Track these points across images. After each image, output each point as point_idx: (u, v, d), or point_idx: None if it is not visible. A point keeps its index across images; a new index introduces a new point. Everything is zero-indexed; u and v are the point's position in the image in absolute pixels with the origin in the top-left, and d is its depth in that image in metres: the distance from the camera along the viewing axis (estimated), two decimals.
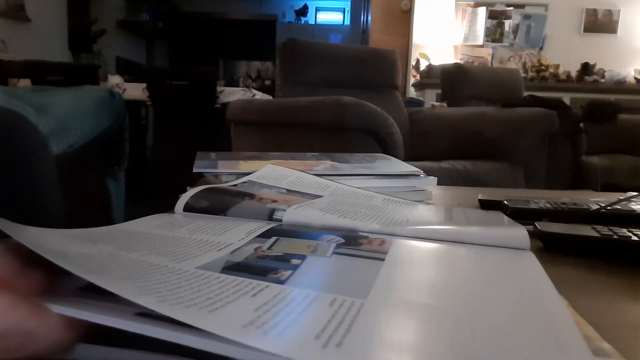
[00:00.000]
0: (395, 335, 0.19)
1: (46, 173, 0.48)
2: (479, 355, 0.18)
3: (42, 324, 0.18)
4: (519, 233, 0.35)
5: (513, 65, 4.67)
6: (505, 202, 0.52)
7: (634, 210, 0.48)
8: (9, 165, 0.43)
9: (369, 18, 5.16)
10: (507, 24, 4.82)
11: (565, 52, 4.66)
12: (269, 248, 0.29)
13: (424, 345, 0.18)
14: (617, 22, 4.73)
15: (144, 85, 2.86)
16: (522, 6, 4.79)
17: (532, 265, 0.30)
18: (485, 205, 0.57)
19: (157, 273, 0.22)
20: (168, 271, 0.23)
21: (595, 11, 4.73)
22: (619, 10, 4.71)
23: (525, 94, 2.91)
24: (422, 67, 4.65)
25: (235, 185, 0.50)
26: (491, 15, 4.83)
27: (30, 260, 0.21)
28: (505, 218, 0.43)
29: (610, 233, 0.38)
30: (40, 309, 0.18)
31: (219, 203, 0.42)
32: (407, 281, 0.26)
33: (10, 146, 0.43)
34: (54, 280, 0.21)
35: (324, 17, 5.70)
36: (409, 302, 0.23)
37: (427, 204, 0.55)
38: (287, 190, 0.50)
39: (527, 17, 4.79)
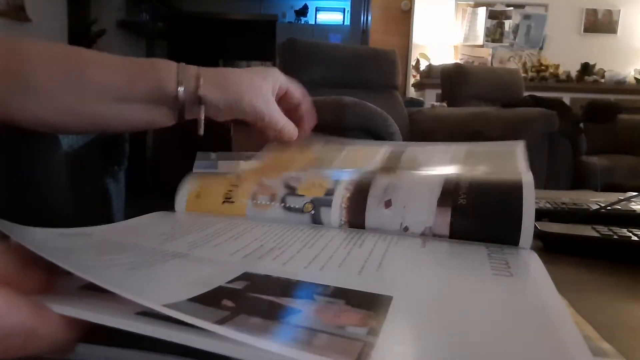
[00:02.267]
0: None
1: (56, 167, 0.48)
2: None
3: (45, 323, 0.18)
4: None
5: (513, 65, 4.67)
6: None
7: (634, 210, 0.48)
8: (23, 157, 0.44)
9: (369, 18, 5.15)
10: (507, 24, 4.82)
11: (565, 52, 4.66)
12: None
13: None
14: (617, 22, 4.73)
15: None
16: (522, 6, 4.79)
17: (533, 264, 0.30)
18: None
19: None
20: None
21: (595, 11, 4.73)
22: (619, 10, 4.71)
23: (525, 94, 2.91)
24: (422, 67, 4.64)
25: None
26: (491, 15, 4.83)
27: (31, 258, 0.21)
28: None
29: (610, 233, 0.38)
30: (42, 308, 0.18)
31: None
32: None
33: (25, 138, 0.43)
34: (54, 278, 0.21)
35: (324, 17, 5.69)
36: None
37: None
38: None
39: (527, 17, 4.79)
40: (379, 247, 0.32)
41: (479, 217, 0.34)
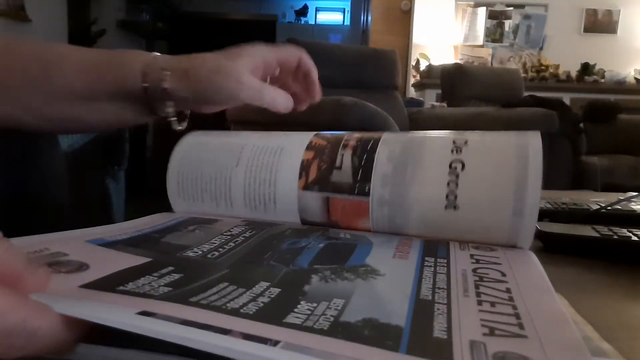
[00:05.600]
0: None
1: (56, 167, 0.48)
2: None
3: (47, 323, 0.18)
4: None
5: (513, 65, 4.67)
6: None
7: (634, 210, 0.48)
8: (24, 156, 0.44)
9: (369, 18, 5.15)
10: (507, 24, 4.82)
11: (565, 52, 4.66)
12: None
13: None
14: (617, 22, 4.73)
15: None
16: (522, 6, 4.79)
17: (531, 264, 0.30)
18: None
19: None
20: None
21: (595, 11, 4.73)
22: (619, 10, 4.71)
23: (525, 94, 2.91)
24: (422, 67, 4.64)
25: None
26: (491, 15, 4.82)
27: (31, 257, 0.21)
28: None
29: (610, 233, 0.38)
30: (44, 307, 0.18)
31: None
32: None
33: (25, 139, 0.44)
34: (55, 277, 0.21)
35: (324, 17, 5.68)
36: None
37: None
38: None
39: (527, 17, 4.79)
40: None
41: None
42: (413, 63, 4.78)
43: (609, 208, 0.48)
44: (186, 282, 0.23)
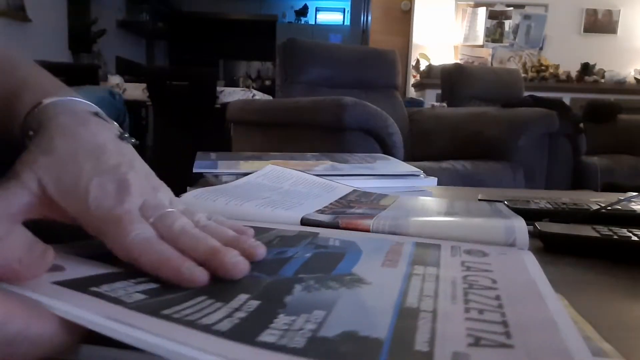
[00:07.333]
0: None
1: None
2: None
3: (48, 329, 0.18)
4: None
5: (513, 65, 4.67)
6: (505, 202, 0.52)
7: (634, 210, 0.48)
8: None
9: (369, 18, 5.15)
10: (507, 24, 4.82)
11: (565, 52, 4.66)
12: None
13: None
14: (617, 22, 4.73)
15: (144, 85, 2.86)
16: (522, 6, 4.79)
17: (530, 264, 0.30)
18: None
19: None
20: None
21: (595, 11, 4.73)
22: (619, 11, 4.71)
23: (525, 94, 2.91)
24: (422, 67, 4.64)
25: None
26: (491, 15, 4.83)
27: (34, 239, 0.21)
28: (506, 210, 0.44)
29: (610, 233, 0.38)
30: (45, 312, 0.18)
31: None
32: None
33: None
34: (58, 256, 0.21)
35: (324, 17, 5.69)
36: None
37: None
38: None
39: (527, 17, 4.79)
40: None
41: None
42: (413, 63, 4.78)
43: (609, 208, 0.48)
44: (163, 292, 0.23)
